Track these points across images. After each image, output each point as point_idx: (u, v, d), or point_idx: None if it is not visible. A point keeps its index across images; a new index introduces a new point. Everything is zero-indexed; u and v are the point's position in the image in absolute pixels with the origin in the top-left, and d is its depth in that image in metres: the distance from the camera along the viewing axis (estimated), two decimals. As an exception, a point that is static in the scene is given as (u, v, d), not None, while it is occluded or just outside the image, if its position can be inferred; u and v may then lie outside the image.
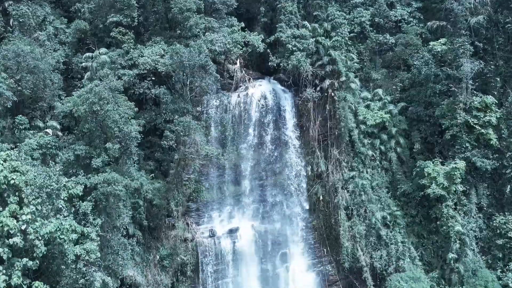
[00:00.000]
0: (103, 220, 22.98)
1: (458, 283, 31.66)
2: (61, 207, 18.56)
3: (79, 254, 19.90)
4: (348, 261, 33.32)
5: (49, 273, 19.75)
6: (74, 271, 19.96)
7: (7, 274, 15.55)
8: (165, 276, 30.32)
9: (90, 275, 20.23)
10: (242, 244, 33.41)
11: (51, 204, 18.09)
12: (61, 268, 19.48)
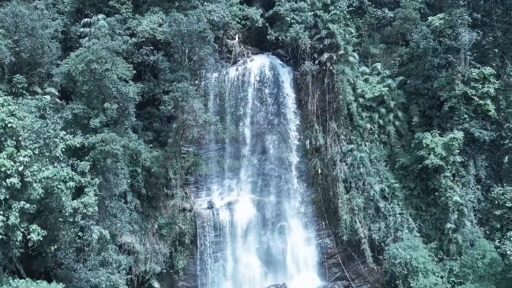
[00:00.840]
0: (101, 180, 22.96)
1: (456, 253, 31.70)
2: (58, 156, 18.54)
3: (76, 207, 19.91)
4: (346, 233, 33.32)
5: (47, 226, 19.77)
6: (72, 225, 20.00)
7: (5, 216, 15.56)
8: (163, 245, 30.30)
9: (88, 228, 20.24)
10: (240, 217, 33.39)
11: (48, 152, 18.08)
12: (59, 220, 19.47)
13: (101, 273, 22.81)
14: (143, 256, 29.29)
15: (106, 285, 22.76)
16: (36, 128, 17.20)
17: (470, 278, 30.56)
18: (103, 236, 21.25)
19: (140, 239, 29.28)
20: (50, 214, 19.78)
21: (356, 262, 33.52)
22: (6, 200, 15.98)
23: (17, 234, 16.11)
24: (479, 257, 30.77)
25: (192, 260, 32.43)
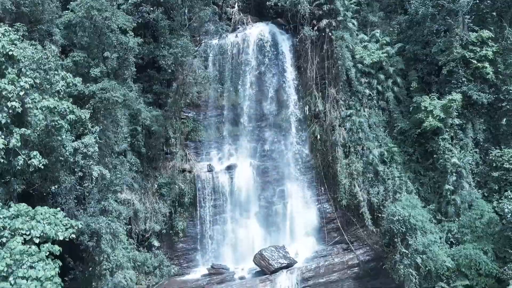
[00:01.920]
0: (101, 128, 23.14)
1: (454, 215, 31.85)
2: (59, 90, 18.70)
3: (77, 147, 20.09)
4: (345, 198, 33.48)
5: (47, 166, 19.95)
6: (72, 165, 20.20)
7: (6, 139, 15.71)
8: (163, 204, 30.49)
9: (88, 168, 20.44)
10: (240, 181, 33.59)
11: (49, 85, 18.25)
12: (59, 160, 19.65)
13: (101, 220, 22.98)
14: (143, 215, 29.47)
15: (106, 232, 22.92)
16: (37, 59, 17.37)
17: (468, 238, 30.72)
18: (103, 175, 21.39)
19: (140, 198, 29.47)
20: (51, 153, 19.94)
21: (355, 226, 33.66)
22: (7, 125, 16.16)
23: (18, 158, 16.27)
24: (477, 217, 30.92)
25: (192, 223, 32.63)
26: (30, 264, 14.04)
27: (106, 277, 23.34)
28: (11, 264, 13.65)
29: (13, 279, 13.58)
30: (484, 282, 29.50)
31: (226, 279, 30.24)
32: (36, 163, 16.35)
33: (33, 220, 15.08)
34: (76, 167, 20.31)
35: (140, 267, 26.80)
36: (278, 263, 30.33)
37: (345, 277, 30.85)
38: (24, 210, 15.29)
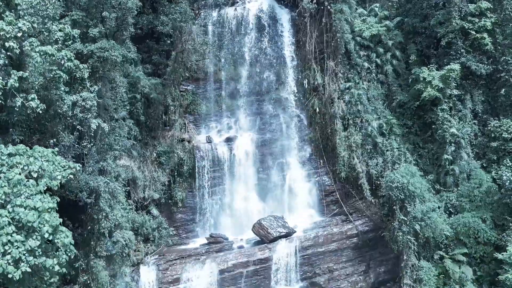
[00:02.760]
0: (99, 87, 23.18)
1: (453, 185, 31.89)
2: (57, 39, 18.72)
3: (75, 100, 20.15)
4: (344, 170, 33.50)
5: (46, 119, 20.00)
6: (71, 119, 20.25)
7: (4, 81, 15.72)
8: (162, 173, 30.52)
9: (86, 121, 20.47)
10: (239, 153, 33.64)
11: (47, 32, 18.28)
12: (58, 113, 19.69)
13: (100, 179, 23.01)
14: (142, 182, 29.49)
15: (104, 191, 22.95)
16: (35, 4, 17.38)
17: (467, 207, 30.77)
18: (101, 127, 21.41)
19: (139, 166, 29.49)
20: (49, 107, 19.98)
21: (354, 199, 33.65)
22: (6, 66, 16.19)
23: (16, 100, 16.28)
24: (476, 186, 31.00)
25: (191, 194, 32.66)
26: (27, 195, 14.04)
27: (104, 236, 23.36)
28: (9, 193, 13.68)
29: (11, 207, 13.60)
30: (483, 250, 29.56)
31: (225, 248, 30.25)
32: (34, 105, 16.34)
33: (31, 157, 15.08)
34: (74, 120, 20.33)
35: (139, 229, 26.82)
36: (277, 232, 30.35)
37: (344, 247, 30.82)
38: (22, 150, 15.31)
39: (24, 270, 13.20)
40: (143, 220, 27.47)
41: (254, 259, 29.19)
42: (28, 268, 13.32)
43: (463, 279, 29.02)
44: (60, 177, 15.55)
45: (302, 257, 29.82)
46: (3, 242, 12.98)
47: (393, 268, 30.90)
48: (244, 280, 28.81)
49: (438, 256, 29.94)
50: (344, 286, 30.06)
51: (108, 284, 23.90)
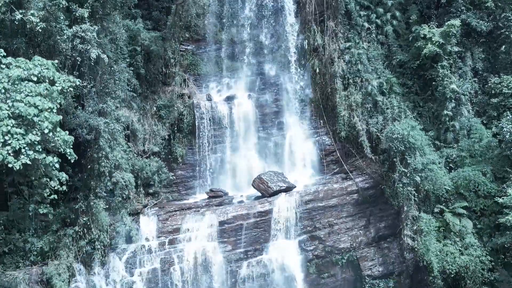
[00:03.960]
0: (99, 27, 23.12)
1: (453, 141, 31.89)
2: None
3: (75, 31, 20.10)
4: (344, 130, 33.47)
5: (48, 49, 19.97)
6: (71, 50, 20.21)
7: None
8: (162, 127, 30.45)
9: (86, 52, 20.43)
10: (238, 111, 33.57)
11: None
12: (58, 42, 19.65)
13: (100, 119, 22.99)
14: (142, 135, 29.43)
15: (104, 130, 22.92)
16: None
17: (467, 162, 30.80)
18: (101, 58, 21.34)
19: (139, 118, 29.43)
20: (49, 38, 19.95)
21: (355, 158, 33.62)
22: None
23: (15, 14, 16.18)
24: (476, 141, 31.02)
25: (191, 151, 32.58)
26: (27, 94, 13.97)
27: (105, 176, 23.32)
28: (9, 89, 13.62)
29: (11, 102, 13.54)
30: (483, 203, 29.60)
31: (225, 202, 30.21)
32: (34, 20, 16.26)
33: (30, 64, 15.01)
34: (74, 52, 20.27)
35: (138, 173, 26.76)
36: (277, 186, 30.30)
37: (344, 202, 30.76)
38: (21, 60, 15.23)
39: (25, 162, 13.13)
40: (143, 164, 27.42)
41: (254, 212, 29.12)
42: (29, 161, 13.25)
43: (463, 232, 29.04)
44: (60, 86, 15.44)
45: (302, 211, 29.74)
46: (3, 131, 12.91)
47: (393, 224, 30.91)
48: (244, 233, 28.76)
49: (438, 210, 29.95)
50: (344, 240, 30.00)
51: (108, 225, 23.87)
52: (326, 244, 29.65)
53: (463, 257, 28.04)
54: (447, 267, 28.00)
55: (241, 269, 28.06)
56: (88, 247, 23.94)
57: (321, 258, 29.56)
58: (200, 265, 27.16)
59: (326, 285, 29.54)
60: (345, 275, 29.94)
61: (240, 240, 28.72)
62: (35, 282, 22.91)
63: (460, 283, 28.95)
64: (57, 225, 24.07)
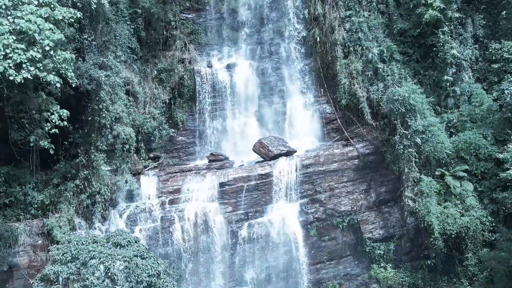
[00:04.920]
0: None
1: (454, 107, 31.90)
2: None
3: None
4: (345, 98, 33.44)
5: None
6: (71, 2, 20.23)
7: None
8: (162, 90, 30.45)
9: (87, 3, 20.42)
10: (239, 79, 33.56)
11: None
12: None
13: (100, 72, 22.98)
14: (143, 98, 29.41)
15: (105, 83, 22.91)
16: None
17: (468, 126, 30.79)
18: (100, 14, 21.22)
19: (139, 81, 29.41)
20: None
21: (355, 126, 33.56)
22: None
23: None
24: (477, 105, 31.01)
25: (191, 117, 32.58)
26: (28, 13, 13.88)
27: (106, 128, 23.30)
28: (9, 6, 13.56)
29: (12, 19, 13.51)
30: (484, 166, 29.58)
31: (225, 165, 30.23)
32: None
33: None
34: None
35: (139, 128, 26.74)
36: (278, 150, 30.31)
37: (345, 167, 30.71)
38: None
39: (26, 76, 13.10)
40: (143, 119, 27.41)
41: (255, 174, 29.14)
42: (29, 76, 13.22)
43: (464, 195, 29.04)
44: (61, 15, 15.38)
45: (303, 175, 29.72)
46: (4, 44, 12.86)
47: (394, 189, 30.83)
48: (244, 194, 28.77)
49: (439, 173, 29.92)
50: (345, 203, 29.97)
51: (109, 179, 23.86)
52: (327, 207, 29.63)
53: (463, 218, 28.04)
54: (448, 228, 27.98)
55: (241, 229, 28.06)
56: (88, 201, 23.91)
57: (321, 221, 29.53)
58: (200, 224, 27.17)
59: (326, 247, 29.51)
60: (345, 239, 29.91)
61: (240, 202, 28.72)
62: (36, 234, 22.91)
63: (460, 245, 28.96)
64: (57, 180, 24.05)
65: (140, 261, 17.05)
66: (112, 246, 16.76)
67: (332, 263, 29.65)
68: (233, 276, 27.70)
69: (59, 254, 16.98)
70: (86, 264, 16.28)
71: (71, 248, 16.89)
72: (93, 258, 16.33)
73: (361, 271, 29.88)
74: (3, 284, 19.69)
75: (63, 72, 14.62)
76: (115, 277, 16.05)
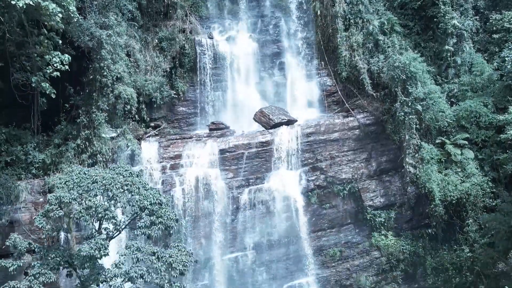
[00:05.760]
0: None
1: (454, 77, 31.93)
2: None
3: None
4: (345, 70, 33.47)
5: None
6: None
7: None
8: (163, 59, 30.44)
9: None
10: (240, 51, 33.53)
11: None
12: None
13: (102, 31, 22.98)
14: (144, 66, 29.42)
15: (106, 42, 22.90)
16: None
17: (468, 96, 30.82)
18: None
19: (140, 49, 29.42)
20: None
21: (356, 98, 33.50)
22: None
23: None
24: (478, 74, 31.03)
25: (192, 88, 32.53)
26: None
27: (107, 87, 23.31)
28: None
29: None
30: (484, 134, 29.62)
31: (226, 134, 30.23)
32: None
33: None
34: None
35: (141, 89, 26.74)
36: (279, 118, 30.33)
37: (346, 137, 30.73)
38: None
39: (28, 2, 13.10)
40: (144, 80, 27.40)
41: (256, 142, 29.15)
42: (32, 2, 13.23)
43: (465, 163, 29.07)
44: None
45: (304, 144, 29.72)
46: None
47: (395, 158, 30.83)
48: (245, 161, 28.76)
49: (439, 141, 29.95)
50: (346, 171, 29.96)
51: (109, 139, 23.88)
52: (328, 174, 29.63)
53: (464, 184, 28.07)
54: (449, 195, 28.02)
55: (242, 195, 28.05)
56: (89, 161, 23.91)
57: (322, 189, 29.53)
58: (201, 189, 27.17)
59: (327, 215, 29.52)
60: (346, 207, 29.90)
61: (241, 169, 28.73)
62: (37, 192, 22.95)
63: (461, 213, 29.00)
64: (59, 141, 24.08)
65: (143, 190, 17.11)
66: (115, 175, 16.75)
67: (333, 231, 29.65)
68: (234, 241, 27.70)
69: (61, 183, 16.89)
70: (89, 189, 16.26)
71: (73, 176, 16.88)
72: (95, 183, 16.32)
73: (362, 239, 29.89)
74: (5, 238, 19.72)
75: (65, 5, 14.62)
76: (117, 198, 16.06)
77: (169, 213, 17.01)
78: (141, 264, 15.66)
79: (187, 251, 17.11)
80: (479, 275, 24.68)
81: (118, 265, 15.48)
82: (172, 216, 17.09)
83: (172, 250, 16.66)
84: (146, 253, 15.81)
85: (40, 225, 16.79)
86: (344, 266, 29.04)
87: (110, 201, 16.16)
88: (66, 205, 16.27)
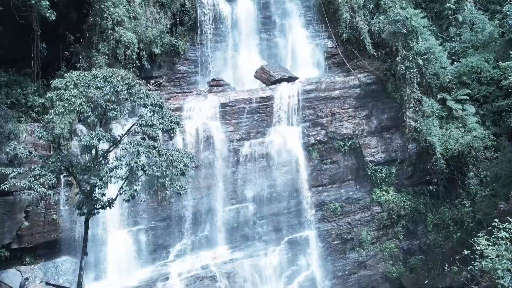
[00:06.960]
0: None
1: (456, 35, 31.83)
2: None
3: None
4: (346, 32, 33.39)
5: None
6: None
7: None
8: (164, 15, 30.36)
9: None
10: (241, 12, 33.55)
11: None
12: None
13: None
14: (144, 22, 29.31)
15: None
16: None
17: (470, 53, 30.72)
18: None
19: (140, 4, 29.31)
20: None
21: (357, 59, 33.45)
22: None
23: None
24: (479, 31, 30.93)
25: (193, 47, 32.50)
26: None
27: (107, 30, 23.22)
28: None
29: None
30: (486, 90, 29.50)
31: (227, 90, 30.17)
32: None
33: None
34: None
35: (141, 35, 26.65)
36: (280, 75, 30.31)
37: (347, 95, 30.65)
38: None
39: None
40: (145, 27, 27.32)
41: (256, 97, 29.15)
42: None
43: (466, 118, 28.96)
44: None
45: (304, 100, 29.65)
46: None
47: (396, 117, 30.62)
48: (246, 116, 28.74)
49: (441, 97, 29.87)
50: (347, 127, 29.84)
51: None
52: (329, 130, 29.54)
53: (466, 137, 27.92)
54: (450, 148, 27.89)
55: (243, 147, 28.00)
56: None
57: (323, 144, 29.43)
58: (202, 140, 27.12)
59: (328, 170, 29.42)
60: (347, 163, 29.78)
61: (241, 123, 28.71)
62: (37, 134, 22.79)
63: (462, 167, 28.87)
64: (59, 85, 23.94)
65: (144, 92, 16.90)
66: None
67: (334, 187, 29.54)
68: (235, 193, 27.63)
69: (61, 83, 16.64)
70: (90, 85, 16.12)
71: (73, 77, 16.75)
72: (96, 77, 16.20)
73: (363, 195, 29.75)
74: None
75: None
76: (118, 89, 15.96)
77: (170, 116, 16.93)
78: (142, 158, 15.59)
79: (188, 154, 17.01)
80: (481, 222, 24.51)
81: (119, 158, 15.38)
82: (174, 119, 17.00)
83: (173, 151, 16.55)
84: (147, 147, 15.75)
85: (40, 134, 16.71)
86: (345, 220, 28.92)
87: (112, 95, 16.05)
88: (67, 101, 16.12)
